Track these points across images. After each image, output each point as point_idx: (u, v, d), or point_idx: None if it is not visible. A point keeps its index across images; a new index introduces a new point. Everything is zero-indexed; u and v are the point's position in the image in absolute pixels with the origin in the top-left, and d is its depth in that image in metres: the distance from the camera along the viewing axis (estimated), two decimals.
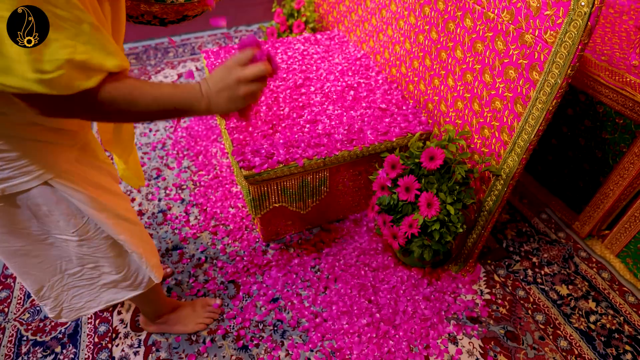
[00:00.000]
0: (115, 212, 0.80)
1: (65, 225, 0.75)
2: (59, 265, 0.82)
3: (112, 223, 0.79)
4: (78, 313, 0.92)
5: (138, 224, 0.89)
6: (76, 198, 0.73)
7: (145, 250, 0.90)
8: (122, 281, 0.91)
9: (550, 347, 1.15)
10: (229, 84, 0.66)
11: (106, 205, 0.78)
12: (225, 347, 1.15)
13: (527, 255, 1.38)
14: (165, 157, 1.79)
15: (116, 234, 0.81)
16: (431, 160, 1.09)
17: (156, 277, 0.94)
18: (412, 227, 1.09)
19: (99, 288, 0.90)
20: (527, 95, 0.91)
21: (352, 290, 1.26)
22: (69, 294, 0.88)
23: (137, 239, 0.87)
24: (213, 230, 1.47)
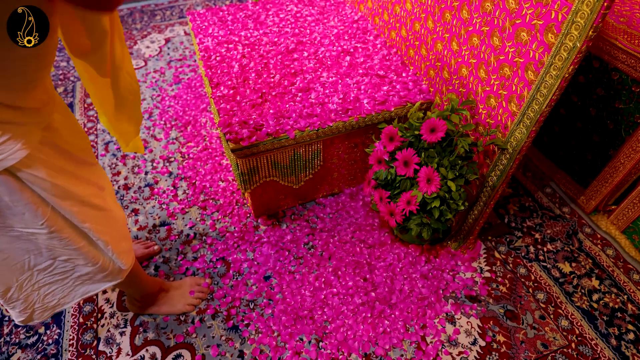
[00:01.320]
0: (80, 199, 0.73)
1: (32, 217, 0.67)
2: (27, 261, 0.74)
3: (76, 211, 0.72)
4: (52, 311, 0.85)
5: (105, 210, 0.80)
6: (40, 186, 0.65)
7: (112, 237, 0.82)
8: (98, 272, 0.84)
9: (550, 326, 1.11)
10: None
11: (70, 191, 0.70)
12: (214, 327, 1.11)
13: (530, 231, 1.33)
14: (152, 127, 1.70)
15: (80, 222, 0.74)
16: (432, 133, 1.01)
17: (123, 264, 0.87)
18: (411, 204, 1.03)
19: (74, 282, 0.83)
20: (540, 60, 0.82)
21: (346, 268, 1.21)
22: (40, 293, 0.81)
23: (103, 226, 0.79)
24: (202, 205, 1.40)
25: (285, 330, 1.09)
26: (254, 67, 1.30)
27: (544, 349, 1.07)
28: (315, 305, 1.13)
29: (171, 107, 1.79)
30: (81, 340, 1.09)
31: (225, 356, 1.06)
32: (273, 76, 1.27)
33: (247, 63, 1.32)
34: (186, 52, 2.06)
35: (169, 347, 1.07)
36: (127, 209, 1.40)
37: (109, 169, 1.53)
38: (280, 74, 1.28)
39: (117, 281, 0.89)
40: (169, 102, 1.82)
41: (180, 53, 2.06)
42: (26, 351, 1.08)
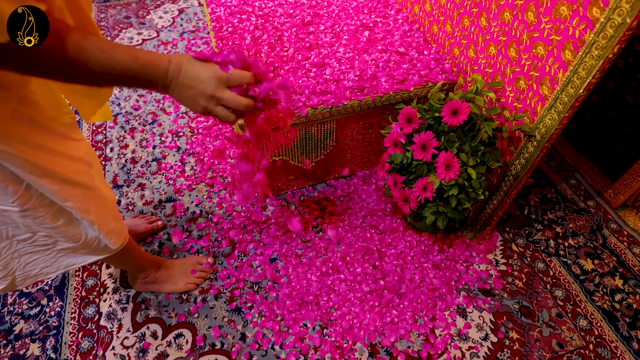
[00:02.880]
0: (62, 177, 0.68)
1: (1, 195, 0.63)
2: (4, 231, 0.71)
3: (56, 189, 0.67)
4: (34, 279, 0.82)
5: (91, 187, 0.75)
6: (10, 162, 0.60)
7: (99, 215, 0.78)
8: (81, 248, 0.81)
9: (568, 325, 1.05)
10: (201, 90, 0.58)
11: (49, 169, 0.65)
12: (217, 308, 1.08)
13: (551, 224, 1.26)
14: (161, 100, 1.66)
15: (61, 200, 0.69)
16: (454, 115, 0.94)
17: (112, 244, 0.84)
18: (427, 190, 0.97)
19: (56, 253, 0.80)
20: (581, 39, 0.74)
21: (355, 254, 1.17)
22: (20, 261, 0.78)
23: (88, 205, 0.75)
24: (210, 182, 1.36)
25: (289, 315, 1.06)
26: (267, 39, 1.24)
27: (560, 348, 1.01)
28: (322, 291, 1.09)
29: None
30: (83, 314, 1.08)
31: (227, 338, 1.03)
32: (287, 50, 1.20)
33: (259, 35, 1.25)
34: (199, 24, 2.00)
35: (170, 326, 1.05)
36: (133, 183, 1.37)
37: (117, 142, 1.50)
38: (294, 47, 1.21)
39: (104, 256, 0.86)
40: None
41: (193, 25, 2.00)
42: (29, 322, 1.07)
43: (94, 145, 1.49)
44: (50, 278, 0.82)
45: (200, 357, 1.00)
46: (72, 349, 1.02)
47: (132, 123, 1.57)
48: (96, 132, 1.54)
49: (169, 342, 1.02)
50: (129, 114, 1.60)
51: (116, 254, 0.88)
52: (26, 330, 1.05)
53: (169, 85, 0.58)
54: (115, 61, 0.53)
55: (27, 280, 0.82)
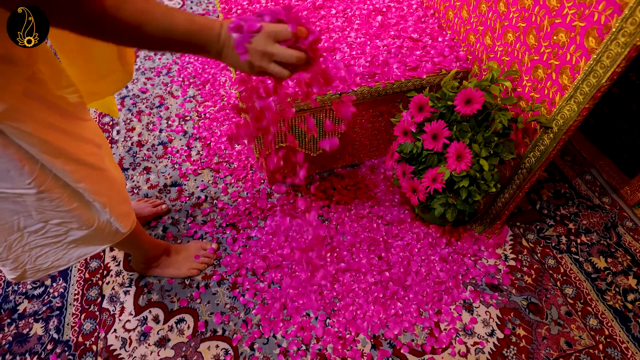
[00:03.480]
0: (75, 157, 0.67)
1: (18, 175, 0.62)
2: (15, 222, 0.70)
3: (70, 170, 0.66)
4: (45, 273, 0.81)
5: (102, 169, 0.75)
6: (26, 141, 0.59)
7: (110, 198, 0.77)
8: (93, 236, 0.79)
9: (577, 324, 1.02)
10: (252, 48, 0.58)
11: (63, 149, 0.64)
12: (219, 294, 1.07)
13: (563, 220, 1.22)
14: (169, 84, 1.64)
15: (75, 181, 0.68)
16: (467, 104, 0.90)
17: (122, 228, 0.82)
18: (436, 181, 0.94)
19: (67, 245, 0.79)
20: (607, 25, 0.70)
21: (361, 245, 1.15)
22: (31, 255, 0.77)
23: (100, 186, 0.74)
24: (215, 168, 1.35)
25: (292, 303, 1.05)
26: None
27: (568, 347, 0.99)
28: (325, 281, 1.08)
29: (190, 64, 1.72)
30: (86, 296, 1.08)
31: (229, 324, 1.02)
32: None
33: None
34: (209, 7, 1.96)
35: (172, 311, 1.05)
36: (139, 166, 1.36)
37: (124, 124, 1.49)
38: None
39: (113, 243, 0.85)
40: (189, 58, 1.74)
41: (203, 7, 1.97)
42: (32, 302, 1.07)
43: (101, 128, 1.48)
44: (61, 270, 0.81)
45: (201, 343, 0.99)
46: (75, 330, 1.02)
47: (139, 106, 1.55)
48: (103, 114, 1.53)
49: (170, 326, 1.02)
50: (136, 97, 1.58)
51: (124, 239, 0.87)
52: (30, 310, 1.06)
53: (221, 50, 0.58)
54: (175, 25, 0.53)
55: (39, 273, 0.81)
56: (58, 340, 1.00)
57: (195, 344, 0.99)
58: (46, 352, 0.99)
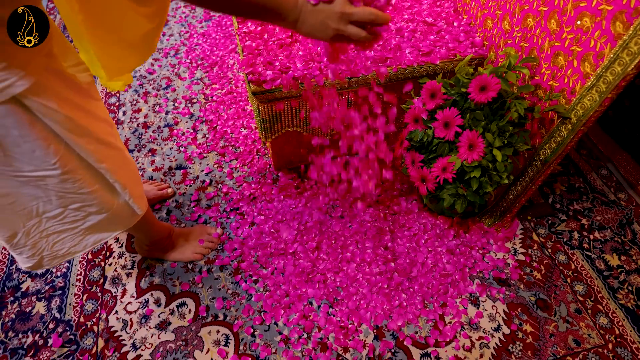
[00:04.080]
0: (96, 136, 0.66)
1: (43, 155, 0.60)
2: (35, 208, 0.68)
3: (92, 149, 0.65)
4: (62, 259, 0.80)
5: (120, 149, 0.75)
6: (52, 118, 0.58)
7: (130, 179, 0.77)
8: (111, 220, 0.78)
9: (586, 322, 1.00)
10: (329, 10, 0.60)
11: (86, 127, 0.63)
12: (221, 279, 1.06)
13: (576, 216, 1.18)
14: (177, 65, 1.61)
15: (97, 161, 0.67)
16: (482, 91, 0.87)
17: (139, 209, 0.82)
18: (446, 171, 0.91)
19: (84, 231, 0.77)
20: (637, 8, 0.66)
21: (367, 234, 1.12)
22: (49, 241, 0.75)
23: (119, 167, 0.73)
24: (221, 152, 1.33)
25: (294, 291, 1.03)
26: None
27: (576, 345, 0.96)
28: (330, 270, 1.06)
29: (199, 46, 1.69)
30: (88, 277, 1.07)
31: (230, 310, 1.01)
32: None
33: None
34: None
35: (174, 294, 1.04)
36: (144, 148, 1.35)
37: (130, 105, 1.47)
38: None
39: (129, 227, 0.84)
40: (197, 39, 1.71)
41: None
42: (35, 280, 1.07)
43: (107, 108, 1.47)
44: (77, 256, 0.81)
45: (202, 328, 0.99)
46: (77, 310, 1.02)
47: (146, 87, 1.53)
48: (109, 95, 1.52)
49: (171, 310, 1.01)
50: (143, 78, 1.56)
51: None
52: (33, 289, 1.06)
53: (298, 17, 0.61)
54: None
55: (55, 260, 0.79)
56: (60, 320, 1.00)
57: (196, 329, 0.98)
58: (48, 330, 0.99)
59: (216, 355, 0.94)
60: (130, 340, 0.97)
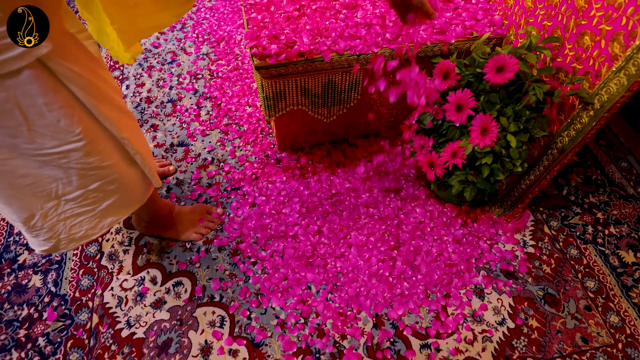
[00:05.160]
0: (117, 104, 0.64)
1: (68, 125, 0.57)
2: (54, 189, 0.66)
3: (115, 117, 0.63)
4: (78, 242, 0.77)
5: (134, 119, 0.73)
6: (77, 84, 0.55)
7: (146, 150, 0.74)
8: (127, 197, 0.76)
9: (596, 320, 0.95)
10: None
11: (107, 93, 0.61)
12: (219, 260, 1.04)
13: (592, 209, 1.13)
14: (183, 39, 1.57)
15: (119, 131, 0.65)
16: (498, 72, 0.81)
17: (156, 182, 0.81)
18: (456, 156, 0.86)
19: (101, 213, 0.75)
20: None
21: (370, 219, 1.08)
22: (66, 224, 0.73)
23: (139, 137, 0.71)
24: (225, 130, 1.29)
25: (293, 275, 1.00)
26: None
27: (584, 343, 0.92)
28: (330, 255, 1.03)
29: (206, 20, 1.64)
30: (85, 252, 1.06)
31: (227, 292, 0.99)
32: None
33: None
34: None
35: (171, 273, 1.02)
36: (146, 123, 1.32)
37: (133, 79, 1.43)
38: None
39: (143, 202, 0.82)
40: (205, 13, 1.66)
41: None
42: (32, 254, 1.06)
43: None
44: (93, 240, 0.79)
45: (197, 308, 0.96)
46: (72, 285, 1.00)
47: (151, 61, 1.49)
48: (113, 68, 1.48)
49: (167, 289, 0.99)
50: (148, 51, 1.52)
51: None
52: (29, 262, 1.04)
53: None
54: None
55: (72, 243, 0.77)
56: (55, 294, 0.99)
57: (192, 309, 0.96)
58: (43, 304, 0.98)
59: (210, 336, 0.93)
60: (124, 318, 0.95)
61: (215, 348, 0.91)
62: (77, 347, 0.92)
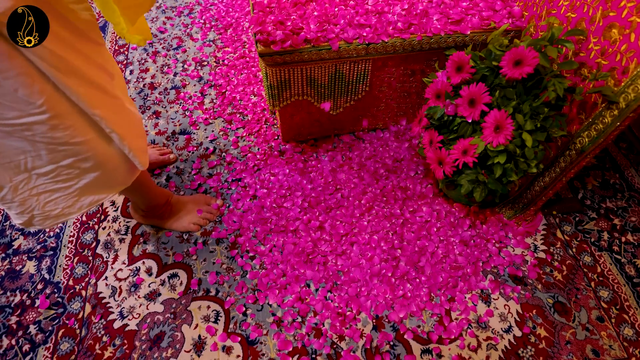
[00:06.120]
0: (88, 78, 0.60)
1: (27, 96, 0.54)
2: (22, 162, 0.63)
3: (83, 92, 0.59)
4: (55, 221, 0.74)
5: (119, 98, 0.68)
6: (34, 52, 0.51)
7: (129, 130, 0.70)
8: (107, 177, 0.73)
9: (609, 332, 0.90)
10: None
11: (75, 66, 0.57)
12: (217, 253, 1.01)
13: (608, 215, 1.07)
14: (190, 25, 1.53)
15: (90, 107, 0.61)
16: (516, 66, 0.76)
17: (140, 164, 0.76)
18: (467, 154, 0.81)
19: (79, 191, 0.72)
20: None
21: (374, 217, 1.04)
22: (39, 200, 0.70)
23: (117, 116, 0.67)
24: (228, 119, 1.25)
25: (292, 271, 0.97)
26: None
27: (594, 356, 0.88)
28: (331, 252, 0.99)
29: (214, 6, 1.60)
30: (81, 239, 1.03)
31: (223, 286, 0.96)
32: None
33: None
34: None
35: (166, 264, 0.99)
36: (148, 109, 1.28)
37: (137, 65, 1.40)
38: None
39: (127, 185, 0.79)
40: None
41: None
42: (28, 239, 1.04)
43: None
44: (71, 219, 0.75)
45: (192, 302, 0.94)
46: (66, 273, 0.98)
47: (156, 46, 1.46)
48: (118, 52, 1.45)
49: (162, 280, 0.97)
50: (154, 36, 1.49)
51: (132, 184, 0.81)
52: (24, 247, 1.02)
53: None
54: None
55: (48, 221, 0.74)
56: (49, 281, 0.97)
57: (186, 302, 0.94)
58: (36, 291, 0.96)
59: (204, 331, 0.90)
60: (117, 308, 0.93)
61: (209, 344, 0.88)
62: (68, 336, 0.90)
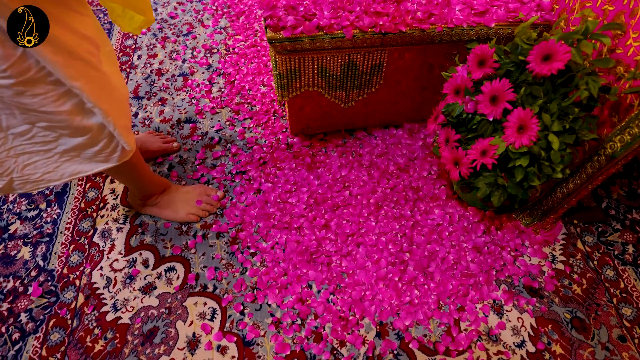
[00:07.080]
0: (66, 48, 0.55)
1: None
2: None
3: (61, 62, 0.55)
4: (36, 185, 0.73)
5: (103, 72, 0.64)
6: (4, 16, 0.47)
7: (113, 107, 0.66)
8: (88, 147, 0.69)
9: (631, 353, 0.84)
10: None
11: (54, 36, 0.53)
12: (217, 247, 0.96)
13: (634, 226, 1.00)
14: (201, 11, 1.49)
15: (68, 78, 0.57)
16: (545, 62, 0.70)
17: (127, 144, 0.72)
18: (486, 155, 0.75)
19: (59, 157, 0.70)
20: None
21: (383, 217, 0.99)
22: (18, 162, 0.68)
23: (101, 91, 0.63)
24: (235, 109, 1.21)
25: (294, 270, 0.92)
26: None
27: None
28: (336, 252, 0.94)
29: None
30: (78, 227, 1.00)
31: (221, 282, 0.91)
32: None
33: None
34: None
35: (164, 257, 0.95)
36: (154, 96, 1.25)
37: (146, 50, 1.37)
38: None
39: (113, 164, 0.75)
40: None
41: None
42: (24, 223, 1.01)
43: (121, 50, 1.37)
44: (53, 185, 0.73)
45: (188, 297, 0.90)
46: (61, 261, 0.95)
47: (166, 32, 1.42)
48: (126, 37, 1.41)
49: (159, 273, 0.93)
50: (164, 22, 1.45)
51: (123, 167, 0.78)
52: (20, 232, 0.99)
53: None
54: None
55: (28, 185, 0.72)
56: (43, 268, 0.94)
57: (182, 297, 0.90)
58: (29, 278, 0.93)
59: (199, 329, 0.86)
60: (111, 300, 0.89)
61: (203, 342, 0.84)
62: (59, 326, 0.86)
